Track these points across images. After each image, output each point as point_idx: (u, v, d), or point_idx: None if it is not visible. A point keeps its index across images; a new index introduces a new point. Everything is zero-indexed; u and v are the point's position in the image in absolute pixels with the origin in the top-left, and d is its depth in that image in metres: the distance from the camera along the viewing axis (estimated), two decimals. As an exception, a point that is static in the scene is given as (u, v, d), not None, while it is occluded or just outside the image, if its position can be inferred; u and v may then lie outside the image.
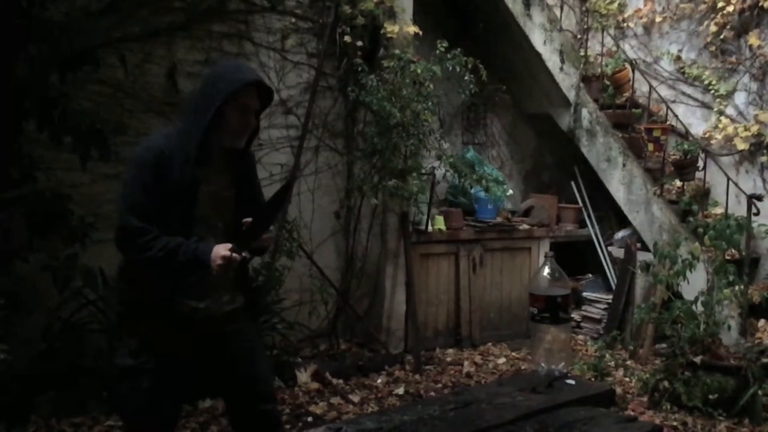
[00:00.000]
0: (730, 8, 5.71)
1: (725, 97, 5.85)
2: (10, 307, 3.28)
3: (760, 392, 3.98)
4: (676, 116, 5.96)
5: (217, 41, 4.57)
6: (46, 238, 3.47)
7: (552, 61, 5.92)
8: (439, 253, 5.35)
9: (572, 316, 5.56)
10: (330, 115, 5.12)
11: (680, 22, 6.22)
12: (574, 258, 5.79)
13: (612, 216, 6.18)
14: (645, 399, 4.29)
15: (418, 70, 4.64)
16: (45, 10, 3.44)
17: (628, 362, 5.05)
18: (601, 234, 6.14)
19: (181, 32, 4.41)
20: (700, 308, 4.31)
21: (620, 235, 5.97)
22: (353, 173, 5.13)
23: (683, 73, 6.17)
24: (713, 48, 5.93)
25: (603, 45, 6.42)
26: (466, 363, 4.99)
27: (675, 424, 3.93)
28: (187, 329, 2.28)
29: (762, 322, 4.93)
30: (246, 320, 2.47)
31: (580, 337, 5.77)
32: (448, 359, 5.08)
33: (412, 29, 4.94)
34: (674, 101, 6.15)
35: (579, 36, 6.75)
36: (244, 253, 2.20)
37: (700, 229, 4.65)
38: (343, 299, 5.07)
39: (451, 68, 4.74)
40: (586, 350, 5.41)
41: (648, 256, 5.09)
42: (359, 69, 4.70)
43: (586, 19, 6.80)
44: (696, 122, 6.04)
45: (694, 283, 4.68)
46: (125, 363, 2.27)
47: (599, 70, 6.29)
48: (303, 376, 4.35)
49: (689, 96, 6.13)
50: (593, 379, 4.56)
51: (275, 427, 2.55)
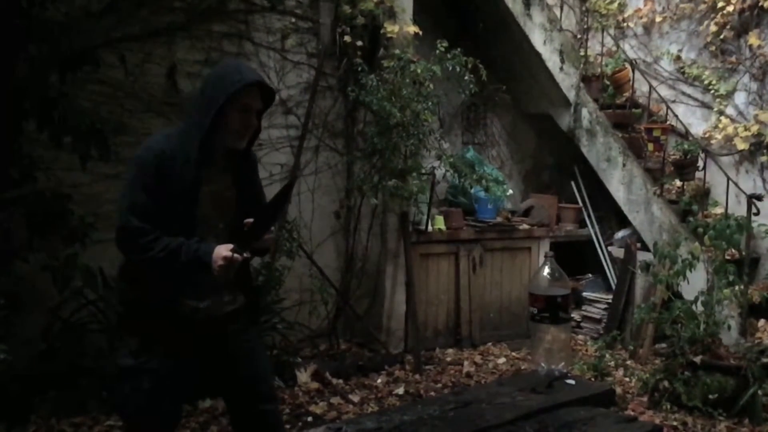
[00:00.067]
0: (730, 8, 5.71)
1: (725, 97, 5.84)
2: (10, 307, 3.28)
3: (760, 392, 3.99)
4: (676, 116, 5.96)
5: (217, 41, 4.58)
6: (46, 238, 3.47)
7: (552, 61, 5.92)
8: (439, 253, 5.35)
9: (572, 316, 5.56)
10: (330, 115, 5.13)
11: (680, 22, 6.22)
12: (574, 258, 5.78)
13: (612, 216, 6.18)
14: (645, 399, 4.29)
15: (418, 70, 4.65)
16: (45, 10, 3.44)
17: (628, 362, 5.06)
18: (601, 234, 6.14)
19: (181, 32, 4.41)
20: (700, 308, 4.31)
21: (620, 235, 5.97)
22: (353, 173, 5.13)
23: (683, 73, 6.17)
24: (713, 48, 5.93)
25: (603, 45, 6.42)
26: (466, 363, 4.99)
27: (675, 424, 3.93)
28: (187, 329, 2.28)
29: (762, 322, 4.92)
30: (247, 320, 2.47)
31: (580, 337, 5.77)
32: (448, 359, 5.08)
33: (412, 29, 4.94)
34: (674, 101, 6.14)
35: (579, 36, 6.75)
36: (246, 254, 2.20)
37: (700, 229, 4.65)
38: (343, 299, 5.07)
39: (451, 68, 4.74)
40: (586, 350, 5.41)
41: (648, 256, 5.09)
42: (359, 69, 4.70)
43: (586, 19, 6.79)
44: (696, 122, 6.04)
45: (694, 283, 4.68)
46: (126, 363, 2.27)
47: (599, 70, 6.29)
48: (303, 376, 4.36)
49: (689, 96, 6.13)
50: (593, 379, 4.56)
51: (276, 427, 2.54)
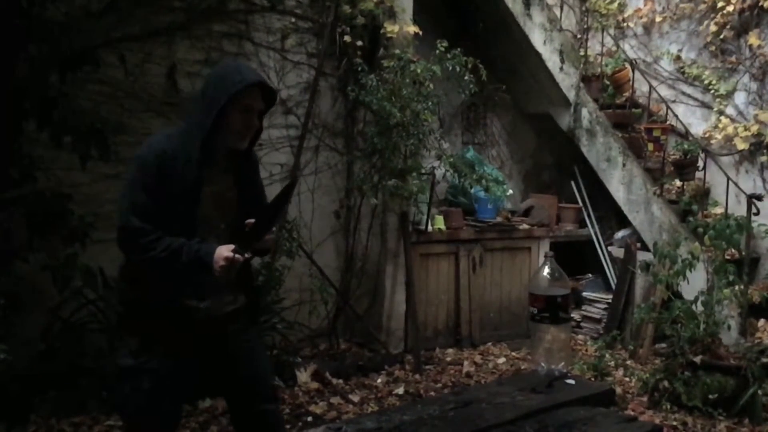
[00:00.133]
0: (730, 8, 5.71)
1: (725, 97, 5.84)
2: (10, 307, 3.28)
3: (760, 392, 3.99)
4: (676, 116, 5.96)
5: (217, 41, 4.57)
6: (46, 238, 3.47)
7: (552, 60, 5.92)
8: (439, 252, 5.35)
9: (572, 315, 5.56)
10: (330, 115, 5.13)
11: (680, 21, 6.22)
12: (574, 258, 5.78)
13: (612, 216, 6.18)
14: (645, 399, 4.29)
15: (418, 70, 4.64)
16: (45, 10, 3.45)
17: (628, 362, 5.06)
18: (601, 234, 6.14)
19: (181, 32, 4.41)
20: (700, 308, 4.31)
21: (620, 234, 5.97)
22: (353, 173, 5.13)
23: (683, 73, 6.17)
24: (713, 48, 5.93)
25: (603, 45, 6.42)
26: (465, 363, 4.99)
27: (675, 423, 3.93)
28: (188, 329, 2.28)
29: (762, 321, 4.92)
30: (247, 320, 2.47)
31: (580, 336, 5.77)
32: (448, 359, 5.08)
33: (412, 29, 4.94)
34: (674, 101, 6.14)
35: (579, 36, 6.75)
36: (247, 254, 2.20)
37: (700, 229, 4.65)
38: (343, 299, 5.07)
39: (451, 68, 4.74)
40: (586, 350, 5.41)
41: (648, 256, 5.09)
42: (359, 69, 4.70)
43: (586, 18, 6.79)
44: (696, 122, 6.04)
45: (694, 283, 4.68)
46: (126, 363, 2.27)
47: (599, 69, 6.29)
48: (303, 376, 4.36)
49: (689, 96, 6.13)
50: (593, 379, 4.56)
51: (276, 427, 2.54)
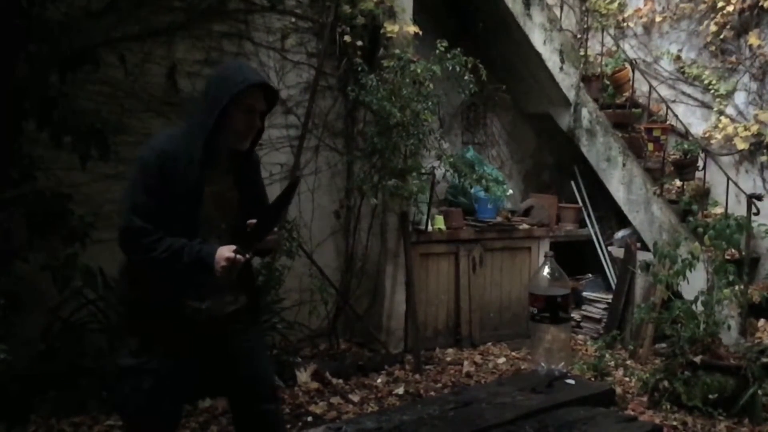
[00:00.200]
0: (730, 8, 5.71)
1: (725, 97, 5.84)
2: (10, 307, 3.28)
3: (759, 392, 3.99)
4: (676, 116, 5.96)
5: (216, 41, 4.57)
6: (46, 238, 3.47)
7: (552, 60, 5.92)
8: (439, 252, 5.35)
9: (572, 315, 5.56)
10: (330, 114, 5.12)
11: (680, 21, 6.22)
12: (574, 258, 5.78)
13: (612, 216, 6.18)
14: (645, 399, 4.29)
15: (418, 70, 4.64)
16: (45, 10, 3.45)
17: (628, 362, 5.05)
18: (601, 234, 6.14)
19: (181, 32, 4.41)
20: (700, 308, 4.31)
21: (620, 234, 5.97)
22: (353, 173, 5.13)
23: (683, 73, 6.17)
24: (713, 48, 5.93)
25: (603, 45, 6.42)
26: (465, 363, 4.99)
27: (675, 423, 3.93)
28: (188, 329, 2.28)
29: (762, 321, 4.92)
30: (248, 320, 2.47)
31: (580, 336, 5.77)
32: (448, 359, 5.08)
33: (412, 29, 4.94)
34: (674, 101, 6.14)
35: (579, 36, 6.75)
36: (248, 255, 2.20)
37: (700, 229, 4.65)
38: (343, 299, 5.07)
39: (450, 68, 4.74)
40: (586, 350, 5.41)
41: (648, 256, 5.09)
42: (359, 69, 4.70)
43: (586, 18, 6.79)
44: (696, 122, 6.04)
45: (694, 283, 4.68)
46: (126, 363, 2.27)
47: (599, 69, 6.29)
48: (303, 376, 4.36)
49: (689, 96, 6.13)
50: (593, 379, 4.56)
51: (276, 427, 2.54)
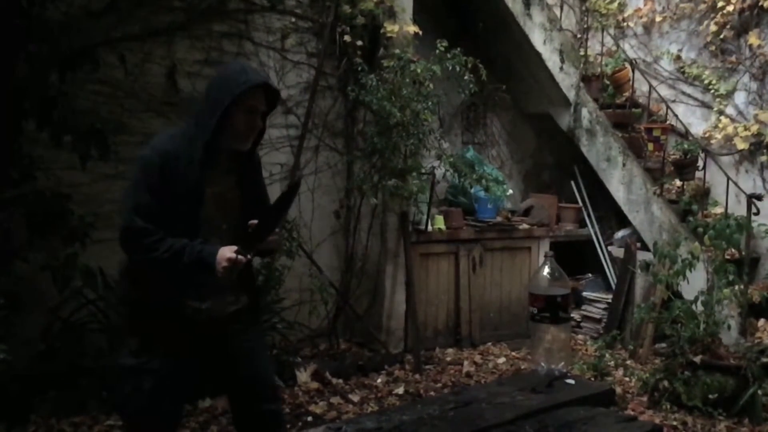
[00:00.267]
0: (730, 8, 5.71)
1: (725, 97, 5.84)
2: (10, 307, 3.28)
3: (759, 392, 3.99)
4: (676, 116, 5.96)
5: (216, 41, 4.57)
6: (46, 238, 3.47)
7: (552, 60, 5.92)
8: (438, 252, 5.34)
9: (572, 315, 5.56)
10: (330, 114, 5.12)
11: (680, 21, 6.22)
12: (574, 258, 5.78)
13: (612, 216, 6.18)
14: (645, 398, 4.29)
15: (418, 70, 4.64)
16: (45, 10, 3.45)
17: (628, 362, 5.05)
18: (601, 234, 6.14)
19: (181, 32, 4.41)
20: (700, 308, 4.31)
21: (620, 234, 5.97)
22: (353, 173, 5.13)
23: (683, 73, 6.17)
24: (713, 48, 5.93)
25: (603, 44, 6.42)
26: (465, 363, 4.99)
27: (675, 423, 3.93)
28: (189, 330, 2.28)
29: (762, 321, 4.92)
30: (248, 320, 2.47)
31: (580, 336, 5.77)
32: (448, 359, 5.08)
33: (412, 29, 4.94)
34: (674, 101, 6.14)
35: (579, 35, 6.75)
36: (249, 255, 2.20)
37: (700, 229, 4.65)
38: (343, 299, 5.07)
39: (450, 68, 4.74)
40: (586, 350, 5.41)
41: (648, 256, 5.09)
42: (359, 69, 4.70)
43: (586, 18, 6.79)
44: (696, 122, 6.04)
45: (694, 283, 4.68)
46: (127, 363, 2.27)
47: (599, 69, 6.29)
48: (303, 376, 4.36)
49: (689, 96, 6.13)
50: (593, 379, 4.56)
51: (277, 427, 2.54)
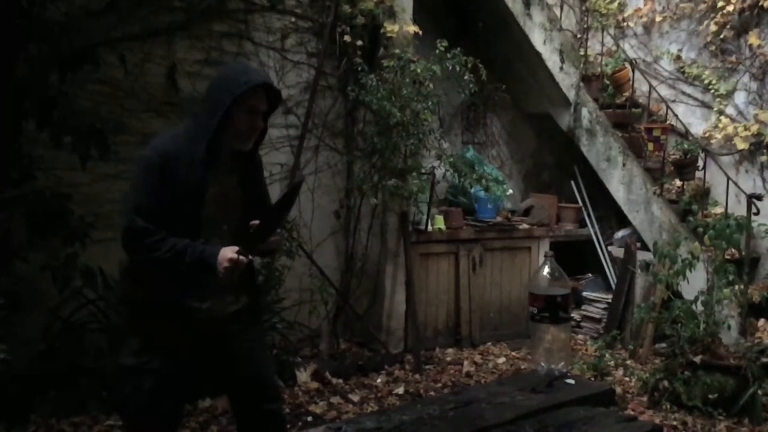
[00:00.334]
0: (730, 8, 5.70)
1: (725, 97, 5.84)
2: (10, 307, 3.28)
3: (759, 392, 3.99)
4: (676, 116, 5.96)
5: (216, 41, 4.57)
6: (46, 238, 3.47)
7: (552, 60, 5.92)
8: (438, 252, 5.34)
9: (572, 315, 5.55)
10: (330, 114, 5.12)
11: (680, 21, 6.22)
12: (574, 258, 5.78)
13: (612, 216, 6.18)
14: (645, 398, 4.29)
15: (418, 70, 4.64)
16: (45, 10, 3.45)
17: (628, 362, 5.05)
18: (601, 234, 6.14)
19: (181, 32, 4.41)
20: (700, 308, 4.31)
21: (620, 234, 5.97)
22: (353, 173, 5.12)
23: (683, 73, 6.17)
24: (713, 47, 5.93)
25: (603, 44, 6.42)
26: (465, 362, 4.99)
27: (675, 423, 3.93)
28: (189, 330, 2.28)
29: (762, 321, 4.92)
30: (248, 320, 2.47)
31: (580, 336, 5.77)
32: (448, 359, 5.08)
33: (412, 29, 4.94)
34: (674, 101, 6.14)
35: (579, 35, 6.75)
36: (251, 256, 2.20)
37: (700, 229, 4.65)
38: (343, 299, 5.07)
39: (450, 68, 4.74)
40: (586, 350, 5.41)
41: (648, 256, 5.09)
42: (359, 68, 4.70)
43: (586, 18, 6.79)
44: (696, 122, 6.03)
45: (694, 283, 4.68)
46: (127, 363, 2.27)
47: (599, 69, 6.29)
48: (303, 376, 4.36)
49: (689, 95, 6.13)
50: (593, 379, 4.56)
51: (278, 427, 2.54)
